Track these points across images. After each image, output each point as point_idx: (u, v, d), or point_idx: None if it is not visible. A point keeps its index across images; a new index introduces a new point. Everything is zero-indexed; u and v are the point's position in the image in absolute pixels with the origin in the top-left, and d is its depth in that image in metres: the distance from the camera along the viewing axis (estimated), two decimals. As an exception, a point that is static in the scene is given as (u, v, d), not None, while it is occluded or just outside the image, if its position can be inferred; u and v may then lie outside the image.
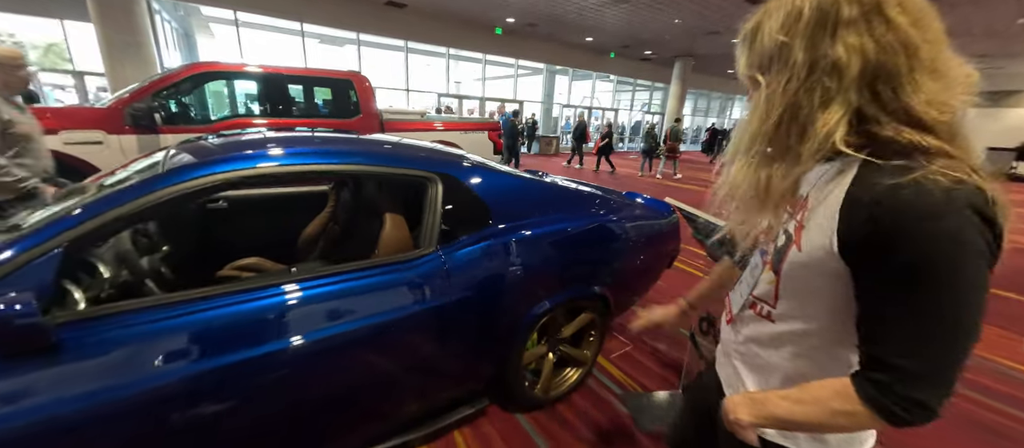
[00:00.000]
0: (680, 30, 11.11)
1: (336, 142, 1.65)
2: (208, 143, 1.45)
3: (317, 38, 10.91)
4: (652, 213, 2.14)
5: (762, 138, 0.59)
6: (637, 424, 1.83)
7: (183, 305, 1.04)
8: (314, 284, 1.22)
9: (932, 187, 0.46)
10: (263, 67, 3.96)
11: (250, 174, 1.21)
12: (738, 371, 0.74)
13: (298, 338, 1.16)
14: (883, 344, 0.51)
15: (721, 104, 21.75)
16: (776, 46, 0.56)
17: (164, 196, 1.06)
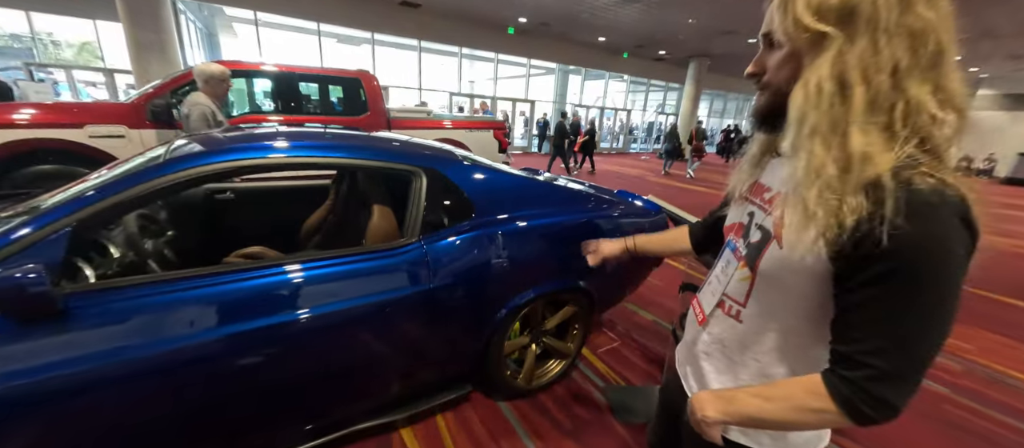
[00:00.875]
0: (694, 30, 10.97)
1: (325, 136, 1.74)
2: (204, 136, 1.56)
3: (334, 37, 11.19)
4: (641, 212, 2.17)
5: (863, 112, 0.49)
6: (616, 416, 1.87)
7: (179, 282, 1.14)
8: (303, 268, 1.31)
9: (924, 189, 0.46)
10: (276, 66, 4.12)
11: (242, 164, 1.31)
12: (703, 372, 0.73)
13: (286, 317, 1.25)
14: (859, 343, 0.50)
15: (738, 105, 21.33)
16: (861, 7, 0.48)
17: (162, 184, 1.16)
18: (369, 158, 1.55)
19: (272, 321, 1.23)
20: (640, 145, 18.50)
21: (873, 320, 0.49)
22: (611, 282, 2.12)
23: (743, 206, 0.74)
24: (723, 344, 0.70)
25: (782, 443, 0.66)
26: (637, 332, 2.60)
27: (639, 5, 9.20)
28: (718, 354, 0.71)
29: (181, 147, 1.39)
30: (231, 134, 1.61)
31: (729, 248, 0.73)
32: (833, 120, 0.50)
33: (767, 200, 0.66)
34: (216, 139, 1.50)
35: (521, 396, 1.94)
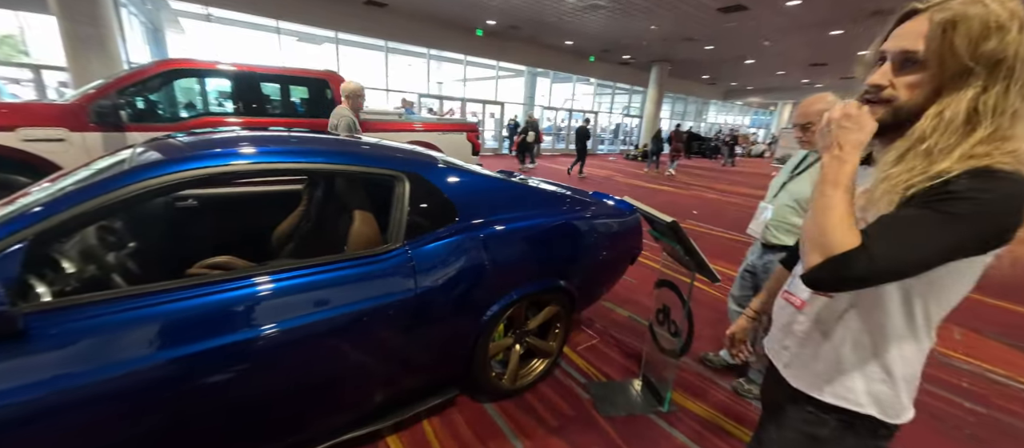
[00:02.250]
0: (656, 36, 11.44)
1: (305, 141, 1.69)
2: (176, 141, 1.47)
3: (294, 36, 10.74)
4: (616, 212, 2.25)
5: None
6: (598, 410, 1.94)
7: (150, 296, 1.08)
8: (282, 277, 1.27)
9: None
10: (236, 65, 3.92)
11: (219, 171, 1.26)
12: (802, 345, 0.80)
13: (265, 328, 1.21)
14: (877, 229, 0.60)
15: (697, 108, 22.39)
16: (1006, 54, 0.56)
17: (130, 193, 1.09)
18: (352, 163, 1.53)
19: (252, 334, 1.19)
20: (607, 146, 19.00)
21: (897, 221, 0.60)
22: (590, 281, 2.18)
23: None
24: (820, 320, 0.77)
25: (876, 405, 0.73)
26: (615, 329, 2.69)
27: (604, 11, 9.48)
28: (814, 330, 0.78)
29: (149, 152, 1.31)
30: (209, 138, 1.53)
31: None
32: (947, 146, 0.59)
33: None
34: (194, 143, 1.42)
35: (506, 396, 1.96)
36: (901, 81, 0.64)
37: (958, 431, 1.95)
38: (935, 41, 0.59)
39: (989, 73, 0.57)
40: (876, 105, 0.66)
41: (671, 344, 1.89)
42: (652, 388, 2.06)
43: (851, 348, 0.74)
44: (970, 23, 0.56)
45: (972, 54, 0.57)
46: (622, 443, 1.74)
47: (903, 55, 0.63)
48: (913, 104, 0.63)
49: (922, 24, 0.61)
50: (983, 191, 0.55)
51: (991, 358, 2.60)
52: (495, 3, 9.39)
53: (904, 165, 0.62)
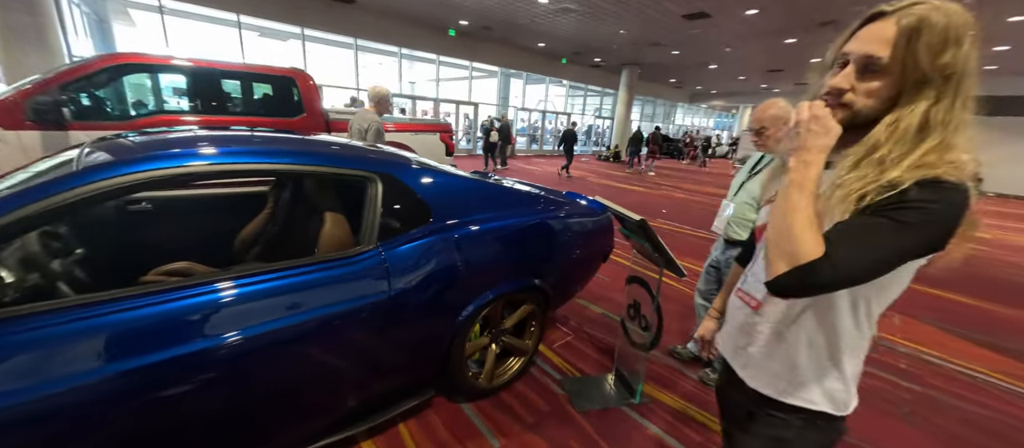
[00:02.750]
0: (625, 40, 11.75)
1: (274, 141, 1.64)
2: (130, 140, 1.39)
3: (256, 31, 10.28)
4: (588, 212, 2.31)
5: None
6: (574, 405, 1.98)
7: (99, 306, 1.01)
8: (249, 282, 1.23)
9: None
10: (194, 60, 3.71)
11: (181, 172, 1.20)
12: (756, 345, 0.82)
13: (230, 336, 1.16)
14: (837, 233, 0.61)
15: (665, 111, 23.15)
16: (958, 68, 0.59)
17: (79, 195, 1.03)
18: (323, 164, 1.49)
19: (216, 343, 1.14)
20: (580, 147, 19.30)
21: (857, 226, 0.62)
22: (564, 279, 2.23)
23: None
24: (776, 322, 0.79)
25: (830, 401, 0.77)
26: (588, 325, 2.75)
27: (575, 14, 9.64)
28: (771, 332, 0.80)
29: (101, 152, 1.23)
30: (169, 137, 1.46)
31: (763, 249, 0.79)
32: (898, 155, 0.61)
33: None
34: (152, 142, 1.35)
35: (483, 396, 1.97)
36: (862, 86, 0.64)
37: (896, 407, 2.13)
38: (900, 48, 0.60)
39: (942, 84, 0.60)
40: (835, 108, 0.66)
41: (642, 338, 1.96)
42: (625, 381, 2.13)
43: (806, 349, 0.77)
44: (932, 32, 0.58)
45: (931, 64, 0.59)
46: (597, 436, 1.79)
47: (867, 60, 0.63)
48: (870, 111, 0.64)
49: (889, 28, 0.61)
50: (932, 202, 0.58)
51: (927, 341, 2.85)
52: (468, 4, 9.36)
53: (858, 172, 0.63)
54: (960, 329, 3.08)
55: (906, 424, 2.01)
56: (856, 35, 0.66)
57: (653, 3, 8.40)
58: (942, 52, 0.58)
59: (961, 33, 0.58)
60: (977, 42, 0.60)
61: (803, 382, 0.78)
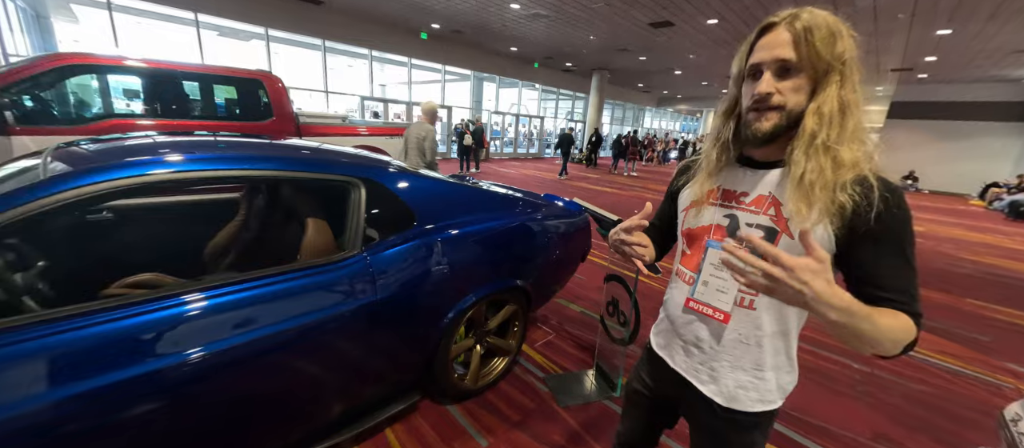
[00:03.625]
0: (595, 46, 12.06)
1: (257, 146, 1.61)
2: (104, 146, 1.33)
3: (215, 30, 9.82)
4: (566, 213, 2.38)
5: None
6: (557, 402, 2.03)
7: (58, 322, 0.97)
8: (231, 290, 1.21)
9: (891, 181, 0.69)
10: (154, 62, 3.53)
11: (166, 177, 1.17)
12: (723, 361, 0.82)
13: (212, 347, 1.13)
14: (901, 289, 0.67)
15: (634, 115, 23.88)
16: (847, 54, 0.67)
17: (48, 205, 0.98)
18: (307, 169, 1.48)
19: (199, 354, 1.11)
20: (553, 150, 19.57)
21: (900, 272, 0.68)
22: (545, 279, 2.28)
23: (713, 210, 0.83)
24: (740, 334, 0.80)
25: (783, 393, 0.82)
26: (568, 324, 2.83)
27: (546, 20, 9.81)
28: (738, 344, 0.80)
29: (72, 157, 1.17)
30: (146, 143, 1.40)
31: (715, 248, 0.80)
32: (835, 138, 0.69)
33: (749, 203, 0.78)
34: (125, 148, 1.29)
35: (469, 397, 1.99)
36: (785, 86, 0.70)
37: (847, 387, 2.32)
38: (802, 46, 0.67)
39: (842, 69, 0.68)
40: (769, 112, 0.71)
41: (620, 333, 2.04)
42: (605, 376, 2.21)
43: (770, 349, 0.80)
44: (820, 30, 0.67)
45: (830, 54, 0.67)
46: (581, 430, 1.85)
47: (780, 63, 0.69)
48: (799, 106, 0.70)
49: (784, 35, 0.68)
50: (906, 214, 0.69)
51: (874, 326, 3.11)
52: (439, 7, 9.34)
53: (813, 163, 0.69)
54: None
55: (857, 402, 2.20)
56: (757, 47, 0.73)
57: (621, 11, 8.68)
58: (834, 43, 0.67)
59: (838, 28, 0.68)
60: (850, 37, 0.70)
61: (766, 384, 0.81)
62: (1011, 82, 13.05)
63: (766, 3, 7.62)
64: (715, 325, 0.82)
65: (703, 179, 0.86)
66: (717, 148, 0.84)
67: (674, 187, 0.99)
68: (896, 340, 0.63)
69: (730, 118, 0.82)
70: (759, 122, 0.73)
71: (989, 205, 11.32)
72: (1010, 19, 7.54)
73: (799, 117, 0.71)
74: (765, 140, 0.73)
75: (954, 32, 8.43)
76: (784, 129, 0.72)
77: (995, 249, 6.23)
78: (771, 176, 0.77)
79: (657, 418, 1.04)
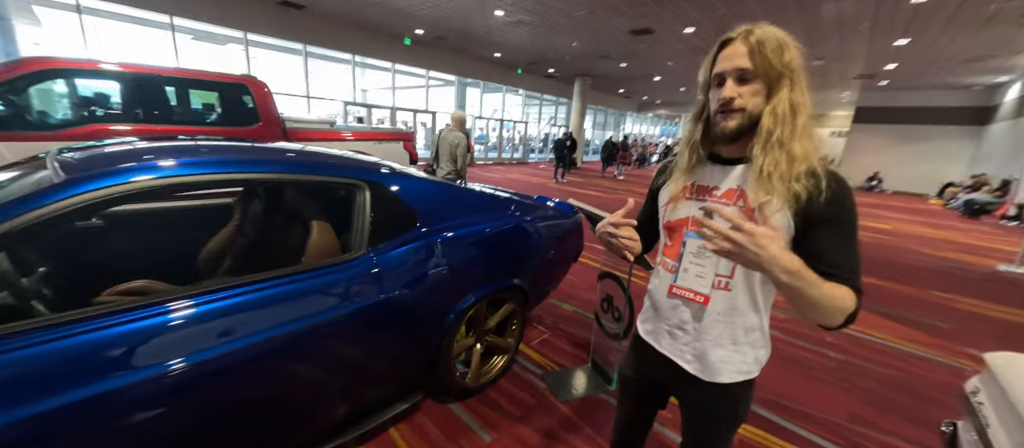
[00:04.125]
0: (577, 52, 12.30)
1: (265, 150, 1.62)
2: (117, 149, 1.34)
3: (189, 34, 9.55)
4: (560, 214, 2.46)
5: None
6: (557, 396, 2.10)
7: (88, 321, 0.98)
8: (240, 292, 1.22)
9: (836, 172, 0.80)
10: (134, 66, 3.45)
11: (181, 181, 1.19)
12: (706, 340, 0.90)
13: (220, 350, 1.14)
14: (845, 267, 0.76)
15: (615, 120, 24.36)
16: (795, 63, 0.78)
17: (66, 207, 0.99)
18: (314, 172, 1.51)
19: (211, 354, 1.13)
20: (537, 155, 19.77)
21: (844, 251, 0.78)
22: (541, 278, 2.35)
23: (689, 204, 0.93)
24: (718, 313, 0.88)
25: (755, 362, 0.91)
26: (562, 323, 2.90)
27: (529, 27, 9.97)
28: (717, 322, 0.89)
29: (84, 159, 1.18)
30: (159, 146, 1.40)
31: (693, 238, 0.90)
32: (788, 135, 0.79)
33: (720, 196, 0.88)
34: (138, 151, 1.30)
35: (470, 395, 2.03)
36: (745, 91, 0.80)
37: (825, 373, 2.46)
38: (757, 56, 0.77)
39: (791, 76, 0.79)
40: (733, 113, 0.82)
41: (615, 328, 2.12)
42: (601, 371, 2.28)
43: (742, 326, 0.88)
44: (770, 42, 0.77)
45: (780, 62, 0.77)
46: (581, 422, 1.92)
47: (739, 71, 0.80)
48: (757, 108, 0.80)
49: (741, 47, 0.79)
50: (850, 201, 0.79)
51: (847, 318, 3.30)
52: (423, 13, 9.37)
53: (771, 157, 0.79)
54: (873, 306, 3.59)
55: (833, 387, 2.34)
56: (719, 59, 0.83)
57: (603, 19, 8.91)
58: (782, 53, 0.78)
59: (785, 40, 0.79)
60: (796, 48, 0.80)
61: (744, 357, 0.90)
62: (963, 89, 13.98)
63: (740, 14, 7.97)
64: (696, 307, 0.91)
65: (678, 176, 0.96)
66: (688, 148, 0.95)
67: (655, 186, 1.08)
68: (839, 307, 0.73)
69: (699, 121, 0.92)
70: (726, 122, 0.83)
71: (946, 204, 12.04)
72: (961, 31, 8.11)
73: (758, 118, 0.81)
74: (731, 137, 0.84)
75: (911, 42, 8.99)
76: (747, 128, 0.82)
77: (954, 244, 6.65)
78: (737, 171, 0.87)
79: (650, 401, 1.13)
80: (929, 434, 1.99)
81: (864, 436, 1.95)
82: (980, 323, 3.44)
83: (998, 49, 9.23)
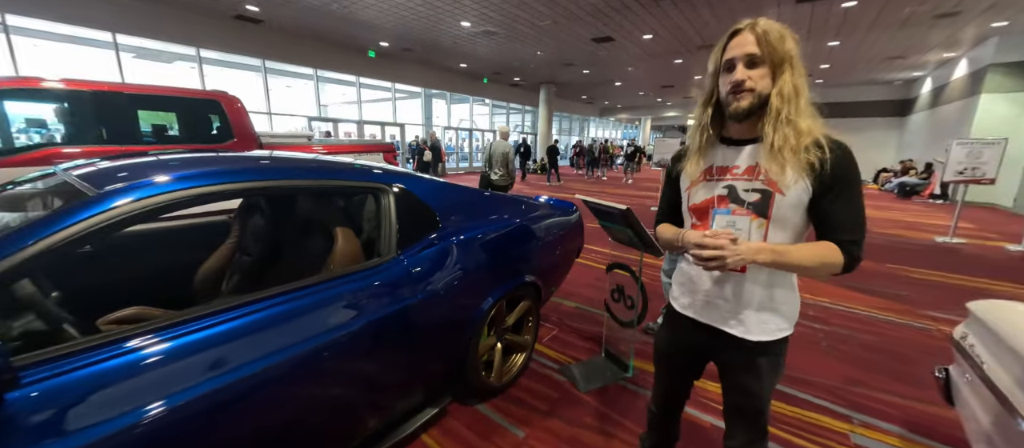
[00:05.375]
0: (542, 61, 12.62)
1: (289, 160, 1.57)
2: (146, 161, 1.26)
3: (132, 52, 8.90)
4: (562, 211, 2.52)
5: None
6: (579, 388, 2.13)
7: (162, 331, 0.92)
8: (260, 308, 1.15)
9: (839, 141, 0.91)
10: (95, 84, 3.20)
11: (212, 191, 1.14)
12: (743, 298, 0.99)
13: (256, 368, 1.08)
14: (845, 229, 0.89)
15: (580, 125, 25.07)
16: (793, 51, 0.89)
17: (103, 221, 0.93)
18: (338, 178, 1.48)
19: (235, 377, 1.05)
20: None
21: (849, 209, 0.89)
22: (549, 274, 2.39)
23: (711, 185, 1.01)
24: (755, 280, 0.98)
25: (790, 319, 1.00)
26: (569, 319, 2.95)
27: (496, 37, 10.14)
28: (755, 288, 0.99)
29: (112, 176, 1.10)
30: (189, 158, 1.33)
31: (722, 214, 0.98)
32: (794, 112, 0.89)
33: (741, 173, 0.96)
34: (163, 165, 1.23)
35: (494, 395, 2.02)
36: (755, 74, 0.89)
37: (817, 345, 2.66)
38: (763, 43, 0.88)
39: (791, 61, 0.89)
40: (744, 94, 0.91)
41: (629, 316, 2.20)
42: (615, 360, 2.34)
43: (780, 287, 0.98)
44: (773, 32, 0.88)
45: (782, 50, 0.88)
46: (606, 409, 1.96)
47: (749, 57, 0.89)
48: (765, 89, 0.90)
49: (750, 36, 0.89)
50: (853, 163, 0.90)
51: (827, 294, 3.58)
52: (388, 25, 9.29)
53: (780, 133, 0.88)
54: (841, 280, 3.91)
55: (826, 356, 2.53)
56: (729, 47, 0.93)
57: (566, 28, 9.22)
58: (784, 41, 0.89)
59: (785, 31, 0.90)
60: (793, 38, 0.92)
61: (781, 316, 1.00)
62: (887, 84, 15.58)
63: (693, 20, 8.52)
64: (737, 277, 1.00)
65: (695, 161, 1.04)
66: (698, 131, 1.04)
67: (673, 172, 1.15)
68: (823, 263, 0.89)
69: (708, 106, 1.02)
70: (738, 102, 0.92)
71: (882, 187, 13.28)
72: (882, 33, 9.08)
73: (766, 99, 0.90)
74: (742, 116, 0.92)
75: (841, 43, 9.96)
76: (756, 107, 0.91)
77: (896, 223, 7.35)
78: (749, 150, 0.96)
79: (685, 372, 1.20)
80: (913, 388, 2.19)
81: (860, 395, 2.13)
82: (932, 288, 3.83)
83: (912, 48, 10.41)
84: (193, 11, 8.47)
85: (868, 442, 1.80)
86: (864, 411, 2.00)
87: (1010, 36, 9.13)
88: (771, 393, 1.07)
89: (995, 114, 9.46)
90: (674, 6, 7.80)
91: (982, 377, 1.28)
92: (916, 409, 2.02)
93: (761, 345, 1.00)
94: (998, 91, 9.44)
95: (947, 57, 11.36)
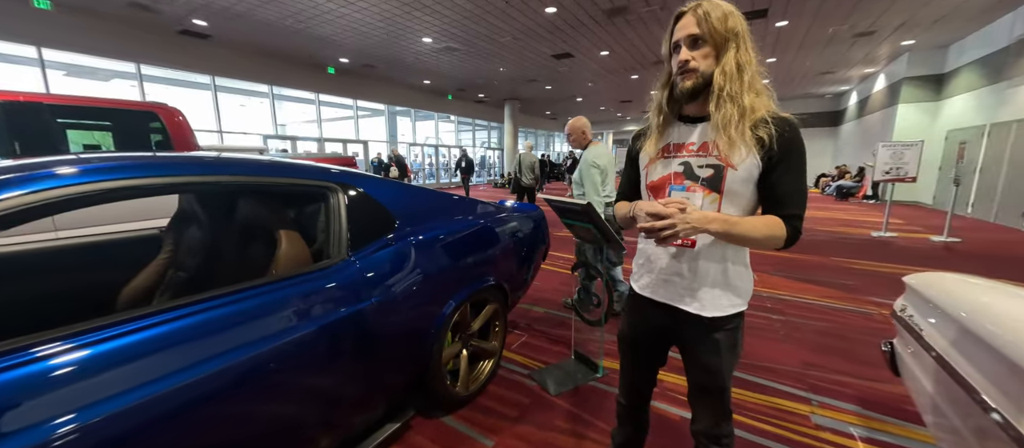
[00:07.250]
0: (505, 77, 12.84)
1: (223, 158, 1.43)
2: (56, 158, 1.09)
3: (61, 69, 8.20)
4: (524, 213, 2.50)
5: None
6: (550, 392, 2.07)
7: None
8: (193, 311, 1.05)
9: (786, 117, 0.93)
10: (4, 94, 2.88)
11: (129, 185, 1.01)
12: (700, 275, 1.01)
13: (191, 376, 0.97)
14: (790, 204, 0.92)
15: (546, 140, 25.59)
16: (739, 28, 0.91)
17: None
18: (280, 175, 1.37)
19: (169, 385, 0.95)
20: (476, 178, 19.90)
21: (792, 183, 0.92)
22: (515, 277, 2.34)
23: (668, 161, 1.03)
24: (706, 255, 1.00)
25: (744, 293, 1.03)
26: (537, 324, 2.89)
27: (458, 54, 10.23)
28: (708, 263, 1.00)
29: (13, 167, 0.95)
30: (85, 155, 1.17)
31: (678, 190, 1.01)
32: (737, 90, 0.91)
33: (696, 150, 0.99)
34: (73, 160, 1.08)
35: (461, 406, 1.92)
36: (698, 55, 0.92)
37: (775, 334, 2.76)
38: (704, 24, 0.90)
39: (735, 39, 0.91)
40: (688, 73, 0.94)
41: (596, 314, 2.18)
42: (585, 361, 2.31)
43: (732, 262, 1.01)
44: (715, 12, 0.90)
45: (724, 28, 0.90)
46: (578, 411, 1.91)
47: (692, 37, 0.92)
48: (709, 68, 0.92)
49: (690, 18, 0.92)
50: (798, 139, 0.93)
51: (778, 286, 3.75)
52: (348, 42, 9.16)
53: (723, 110, 0.91)
54: (794, 274, 4.13)
55: (783, 343, 2.62)
56: (675, 29, 0.96)
57: (526, 44, 9.46)
58: (727, 20, 0.91)
59: (731, 10, 0.93)
60: (739, 16, 0.94)
61: (734, 290, 1.02)
62: (820, 97, 17.05)
63: (645, 37, 9.00)
64: (688, 253, 1.02)
65: (654, 139, 1.07)
66: (657, 110, 1.07)
67: (633, 151, 1.17)
68: (768, 235, 0.91)
69: (665, 87, 1.05)
70: (683, 82, 0.95)
71: (822, 191, 14.37)
72: (811, 50, 9.97)
73: (710, 77, 0.93)
74: (690, 95, 0.95)
75: (777, 60, 10.84)
76: (702, 86, 0.94)
77: (836, 220, 7.93)
78: (702, 127, 0.99)
79: (650, 357, 1.20)
80: (864, 367, 2.30)
81: (818, 378, 2.21)
82: (872, 277, 4.12)
83: (838, 64, 11.49)
84: (131, 25, 7.96)
85: (827, 421, 1.85)
86: (822, 392, 2.07)
87: (918, 53, 10.29)
88: (731, 371, 1.07)
89: (911, 121, 10.57)
90: (627, 24, 8.21)
91: (923, 344, 1.35)
92: (868, 387, 2.11)
93: (716, 321, 1.02)
94: (912, 101, 10.57)
95: (868, 72, 12.63)
